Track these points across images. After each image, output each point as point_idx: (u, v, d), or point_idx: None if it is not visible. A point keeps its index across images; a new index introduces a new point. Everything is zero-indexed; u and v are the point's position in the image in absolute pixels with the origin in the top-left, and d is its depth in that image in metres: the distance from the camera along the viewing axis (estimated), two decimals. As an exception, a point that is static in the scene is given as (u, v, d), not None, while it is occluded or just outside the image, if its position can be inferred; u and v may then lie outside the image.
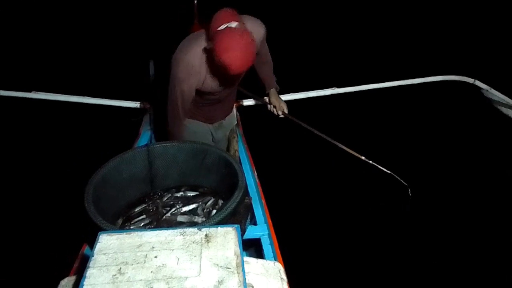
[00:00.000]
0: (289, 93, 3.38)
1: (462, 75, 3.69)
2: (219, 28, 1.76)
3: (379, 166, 2.39)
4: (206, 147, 1.96)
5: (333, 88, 3.46)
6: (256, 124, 3.25)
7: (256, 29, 2.08)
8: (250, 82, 2.48)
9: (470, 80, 3.69)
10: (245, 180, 1.73)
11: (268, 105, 2.58)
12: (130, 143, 2.81)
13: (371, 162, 2.39)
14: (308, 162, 2.87)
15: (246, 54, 1.76)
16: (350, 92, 3.49)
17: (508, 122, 3.65)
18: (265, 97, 2.61)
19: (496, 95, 3.65)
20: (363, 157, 2.42)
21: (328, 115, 4.39)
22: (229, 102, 2.51)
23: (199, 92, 2.12)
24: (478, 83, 3.68)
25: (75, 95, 3.35)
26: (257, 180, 2.42)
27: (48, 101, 3.31)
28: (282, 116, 2.54)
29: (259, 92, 2.75)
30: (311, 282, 2.58)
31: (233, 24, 1.76)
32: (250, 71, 2.32)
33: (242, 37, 1.75)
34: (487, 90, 3.68)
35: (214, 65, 1.88)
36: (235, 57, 1.74)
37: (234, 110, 2.69)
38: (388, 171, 2.37)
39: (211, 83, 2.05)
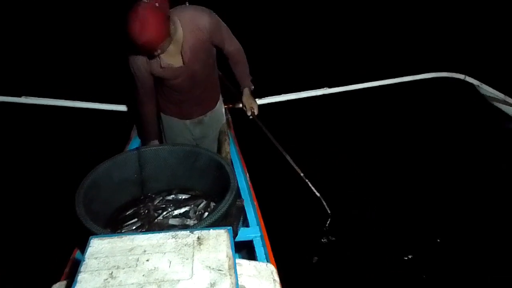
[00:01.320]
0: (280, 94, 3.39)
1: (453, 72, 3.73)
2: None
3: (312, 187, 2.52)
4: (197, 149, 1.96)
5: (325, 88, 3.48)
6: (248, 126, 3.25)
7: (198, 17, 2.08)
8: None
9: (460, 76, 3.73)
10: (237, 182, 1.73)
11: (241, 104, 2.53)
12: (121, 146, 2.80)
13: (307, 180, 2.53)
14: (300, 164, 2.88)
15: (144, 25, 1.77)
16: (341, 92, 3.51)
17: (500, 116, 3.68)
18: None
19: (486, 90, 3.70)
20: (302, 174, 2.56)
21: (321, 115, 4.40)
22: (204, 98, 2.46)
23: (157, 79, 2.18)
24: (468, 79, 3.72)
25: (66, 99, 3.35)
26: (249, 182, 2.42)
27: (39, 105, 3.30)
28: (250, 117, 2.50)
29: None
30: (303, 283, 2.58)
31: (146, 0, 1.79)
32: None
33: (143, 9, 1.77)
34: (478, 86, 3.73)
35: None
36: (134, 27, 1.77)
37: (222, 108, 2.67)
38: (318, 194, 2.51)
39: (156, 67, 2.08)
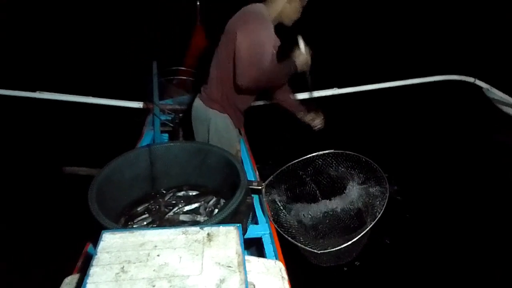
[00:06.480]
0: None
1: (463, 75, 3.71)
2: None
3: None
4: (208, 147, 1.98)
5: (334, 88, 3.48)
6: (258, 125, 3.25)
7: None
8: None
9: (470, 79, 3.71)
10: (247, 180, 1.75)
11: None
12: (133, 143, 2.83)
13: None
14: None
15: None
16: (351, 93, 3.50)
17: (509, 120, 3.65)
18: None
19: (496, 93, 3.67)
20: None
21: (330, 116, 4.39)
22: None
23: None
24: (478, 82, 3.70)
25: (79, 95, 3.38)
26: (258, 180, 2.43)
27: (53, 101, 3.34)
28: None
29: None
30: (312, 281, 2.59)
31: None
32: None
33: None
34: (488, 89, 3.71)
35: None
36: None
37: None
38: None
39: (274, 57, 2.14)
